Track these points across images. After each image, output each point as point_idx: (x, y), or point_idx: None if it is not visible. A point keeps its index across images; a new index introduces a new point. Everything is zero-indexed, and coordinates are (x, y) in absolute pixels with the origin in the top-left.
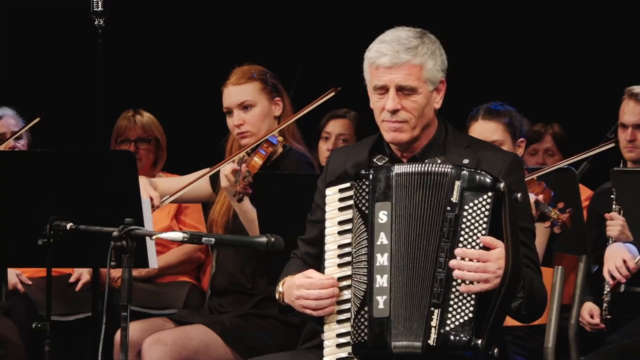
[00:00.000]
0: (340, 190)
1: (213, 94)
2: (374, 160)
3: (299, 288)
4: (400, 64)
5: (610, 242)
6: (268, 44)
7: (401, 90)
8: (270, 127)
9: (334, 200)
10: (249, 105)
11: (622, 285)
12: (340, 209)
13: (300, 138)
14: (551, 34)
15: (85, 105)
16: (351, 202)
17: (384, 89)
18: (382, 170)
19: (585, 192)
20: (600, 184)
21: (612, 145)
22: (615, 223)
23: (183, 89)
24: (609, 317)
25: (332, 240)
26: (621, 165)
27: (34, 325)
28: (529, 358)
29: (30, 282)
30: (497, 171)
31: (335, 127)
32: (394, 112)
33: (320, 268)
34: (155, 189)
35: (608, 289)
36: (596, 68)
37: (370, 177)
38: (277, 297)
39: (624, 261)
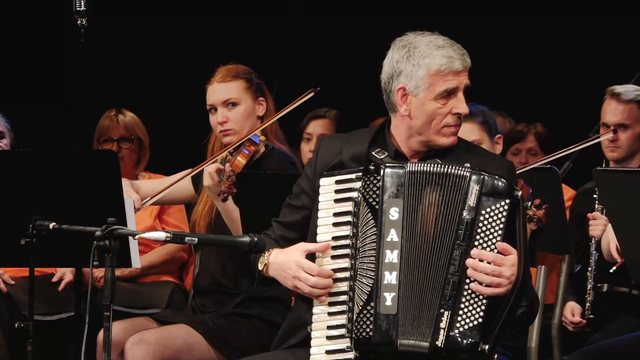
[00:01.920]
0: (338, 182)
1: (195, 94)
2: (373, 153)
3: (299, 268)
4: (467, 66)
5: (592, 241)
6: (251, 44)
7: (465, 91)
8: (252, 127)
9: (329, 191)
10: (233, 103)
11: (605, 284)
12: (337, 200)
13: (283, 138)
14: (533, 34)
15: (68, 104)
16: (350, 194)
17: (452, 93)
18: (394, 167)
19: (568, 192)
20: (582, 184)
21: (596, 141)
22: (598, 223)
23: (166, 88)
24: (591, 316)
25: (326, 232)
26: (604, 165)
27: (16, 325)
28: (512, 358)
29: (12, 282)
30: None
31: (316, 127)
32: (464, 115)
33: None
34: (138, 191)
35: (616, 268)
36: (579, 68)
37: (382, 172)
38: (260, 267)
39: None
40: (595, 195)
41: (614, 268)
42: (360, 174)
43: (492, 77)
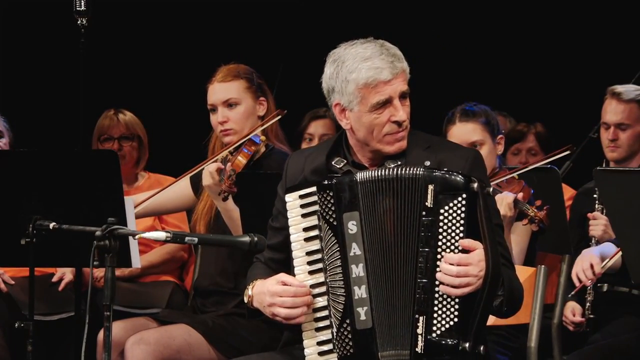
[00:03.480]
0: (301, 197)
1: (195, 94)
2: (332, 163)
3: (273, 295)
4: (398, 73)
5: (593, 241)
6: (251, 43)
7: (402, 96)
8: (253, 127)
9: (295, 207)
10: (233, 103)
11: (605, 284)
12: (304, 215)
13: (284, 138)
14: (534, 34)
15: (67, 104)
16: (314, 207)
17: (386, 103)
18: (344, 178)
19: (568, 192)
20: (583, 184)
21: (568, 152)
22: (598, 222)
23: (165, 88)
24: (591, 316)
25: (299, 247)
26: (604, 165)
27: (16, 325)
28: (512, 358)
29: (12, 282)
30: (459, 170)
31: (317, 127)
32: (403, 122)
33: (287, 274)
34: (135, 204)
35: (574, 293)
36: (579, 68)
37: (334, 187)
38: (245, 300)
39: (591, 265)
40: (595, 195)
41: (572, 293)
42: (316, 189)
43: (492, 77)
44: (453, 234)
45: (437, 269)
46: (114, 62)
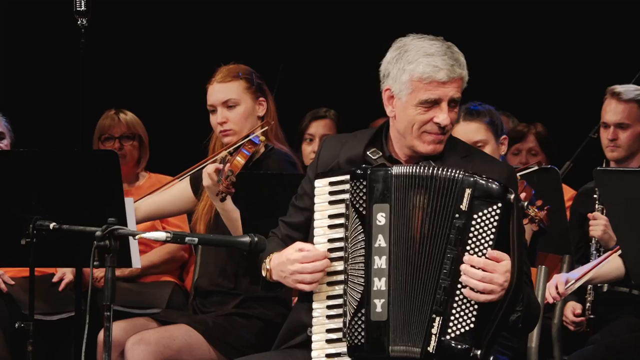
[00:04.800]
0: (332, 184)
1: (195, 94)
2: (368, 153)
3: (293, 263)
4: (455, 78)
5: (593, 241)
6: (251, 43)
7: (452, 102)
8: (252, 127)
9: (323, 193)
10: (233, 104)
11: (605, 284)
12: (331, 202)
13: (284, 138)
14: (534, 34)
15: (68, 104)
16: (343, 196)
17: (434, 103)
18: (379, 170)
19: (568, 192)
20: (583, 184)
21: (535, 168)
22: (598, 223)
23: (166, 88)
24: (591, 316)
25: (322, 233)
26: (604, 165)
27: (16, 325)
28: (512, 358)
29: (13, 282)
30: None
31: (318, 128)
32: (445, 126)
33: None
34: (136, 210)
35: (591, 286)
36: (579, 68)
37: (368, 177)
38: (263, 274)
39: (556, 285)
40: (595, 195)
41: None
42: (349, 177)
43: (493, 77)
44: (482, 241)
45: (461, 273)
46: (114, 62)
